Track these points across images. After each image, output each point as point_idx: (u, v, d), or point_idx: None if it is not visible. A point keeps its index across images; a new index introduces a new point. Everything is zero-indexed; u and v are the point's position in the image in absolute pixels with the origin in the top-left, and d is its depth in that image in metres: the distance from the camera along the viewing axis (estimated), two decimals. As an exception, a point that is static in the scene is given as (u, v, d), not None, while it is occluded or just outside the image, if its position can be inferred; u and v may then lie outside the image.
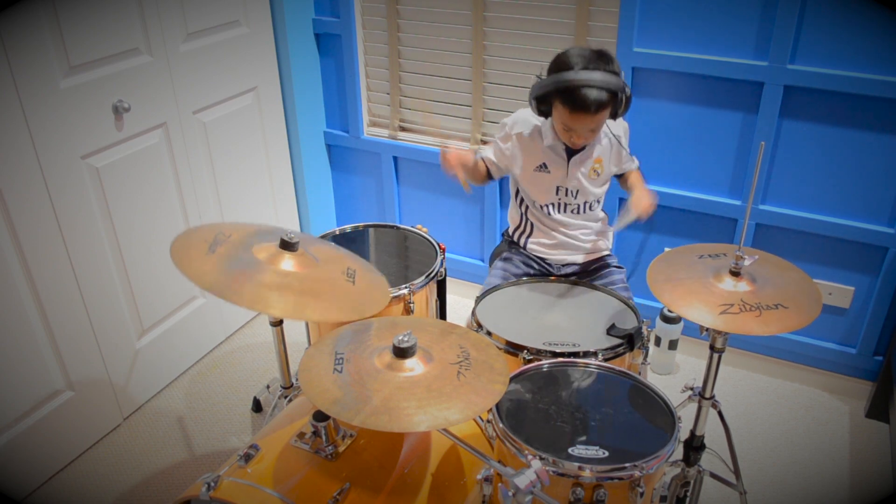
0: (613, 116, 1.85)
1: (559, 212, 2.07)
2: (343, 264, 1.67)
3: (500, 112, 2.68)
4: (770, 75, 2.18)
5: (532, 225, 2.12)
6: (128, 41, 2.15)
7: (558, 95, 1.80)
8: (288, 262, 1.55)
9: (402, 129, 2.92)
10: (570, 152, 1.98)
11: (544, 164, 2.00)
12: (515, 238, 2.18)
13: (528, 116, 2.02)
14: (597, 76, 1.74)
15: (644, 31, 2.31)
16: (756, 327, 1.47)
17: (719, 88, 2.28)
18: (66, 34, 1.97)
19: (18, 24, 1.85)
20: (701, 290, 1.56)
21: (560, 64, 1.80)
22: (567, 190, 2.02)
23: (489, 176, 2.13)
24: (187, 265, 1.47)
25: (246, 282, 1.46)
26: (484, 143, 2.74)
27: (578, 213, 2.07)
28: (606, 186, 2.08)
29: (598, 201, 2.09)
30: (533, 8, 2.48)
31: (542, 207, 2.07)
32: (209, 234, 1.59)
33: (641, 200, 1.91)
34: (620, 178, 2.13)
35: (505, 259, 2.15)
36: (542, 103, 1.86)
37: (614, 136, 2.01)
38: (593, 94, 1.74)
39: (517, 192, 2.13)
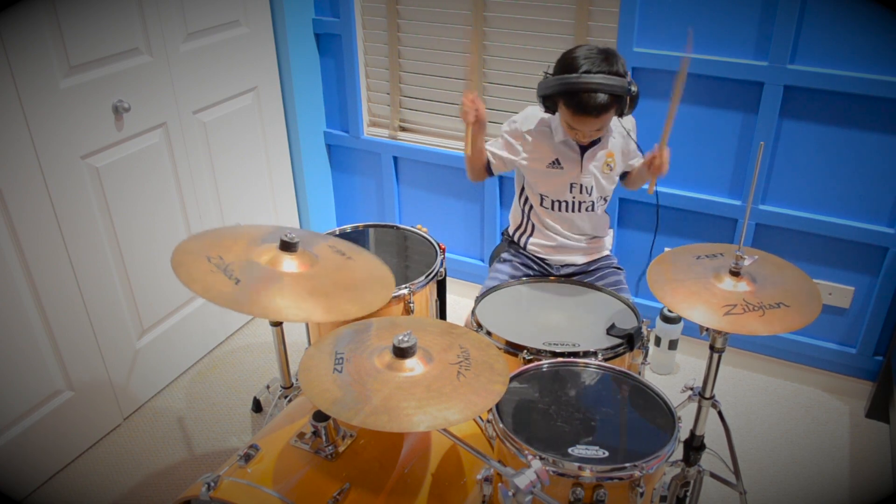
0: (620, 115, 1.84)
1: (572, 210, 2.04)
2: (324, 245, 1.66)
3: (501, 112, 2.68)
4: (770, 75, 2.18)
5: (533, 226, 2.12)
6: (128, 41, 2.15)
7: (562, 97, 1.80)
8: (290, 263, 1.53)
9: (402, 129, 2.92)
10: (583, 147, 1.97)
11: (557, 160, 1.98)
12: (515, 238, 2.17)
13: (534, 113, 2.01)
14: (600, 79, 1.73)
15: (644, 31, 2.31)
16: (760, 327, 1.46)
17: (719, 88, 2.28)
18: (66, 34, 1.97)
19: (18, 24, 1.85)
20: (702, 291, 1.55)
21: (566, 65, 1.79)
22: (581, 186, 2.01)
23: (488, 171, 2.08)
24: (245, 304, 1.40)
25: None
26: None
27: (592, 210, 2.04)
28: (615, 185, 2.07)
29: (606, 199, 2.07)
30: (533, 8, 2.48)
31: (554, 205, 2.05)
32: (205, 263, 1.50)
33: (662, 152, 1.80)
34: (625, 175, 2.10)
35: (505, 261, 2.14)
36: (548, 101, 1.86)
37: (625, 129, 2.00)
38: (596, 98, 1.74)
39: (521, 191, 2.12)
